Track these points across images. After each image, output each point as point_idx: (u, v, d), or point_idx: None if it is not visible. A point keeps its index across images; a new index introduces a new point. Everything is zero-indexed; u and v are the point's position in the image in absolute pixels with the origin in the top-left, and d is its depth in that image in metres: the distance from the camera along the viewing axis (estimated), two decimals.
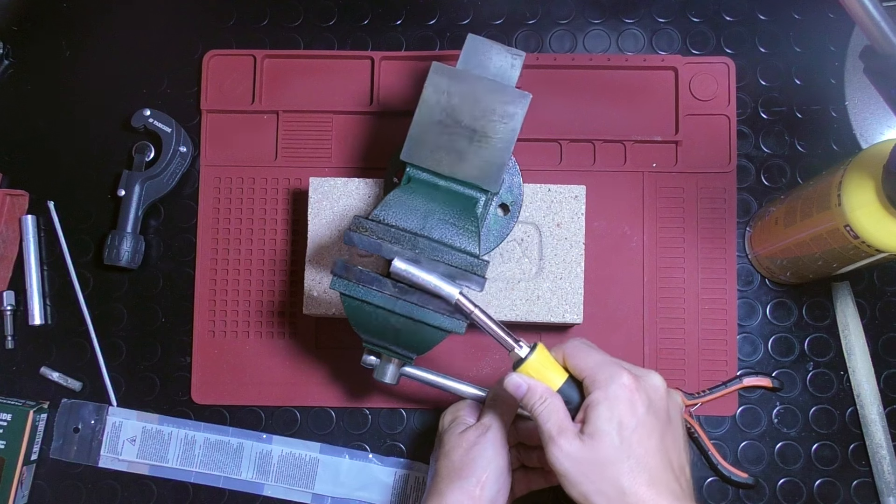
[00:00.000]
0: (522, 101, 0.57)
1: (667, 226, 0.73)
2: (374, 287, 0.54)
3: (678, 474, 0.52)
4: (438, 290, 0.53)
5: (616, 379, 0.52)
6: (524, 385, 0.54)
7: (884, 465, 0.69)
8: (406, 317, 0.54)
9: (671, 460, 0.52)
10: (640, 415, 0.51)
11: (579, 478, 0.51)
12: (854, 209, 0.54)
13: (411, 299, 0.54)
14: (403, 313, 0.54)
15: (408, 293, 0.54)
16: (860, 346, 0.70)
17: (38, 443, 0.73)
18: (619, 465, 0.50)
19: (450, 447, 0.59)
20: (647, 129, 0.74)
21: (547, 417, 0.53)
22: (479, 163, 0.57)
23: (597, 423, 0.51)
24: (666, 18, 0.76)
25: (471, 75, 0.58)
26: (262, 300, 0.73)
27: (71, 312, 0.75)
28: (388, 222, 0.54)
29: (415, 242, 0.54)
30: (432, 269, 0.53)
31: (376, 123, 0.75)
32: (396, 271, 0.53)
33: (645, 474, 0.50)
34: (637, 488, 0.50)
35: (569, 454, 0.51)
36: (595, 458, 0.51)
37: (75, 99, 0.78)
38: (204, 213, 0.75)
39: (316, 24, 0.78)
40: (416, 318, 0.54)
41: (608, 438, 0.51)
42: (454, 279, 0.53)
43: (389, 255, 0.53)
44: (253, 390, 0.73)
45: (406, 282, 0.53)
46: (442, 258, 0.53)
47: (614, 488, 0.50)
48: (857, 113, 0.74)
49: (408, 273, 0.53)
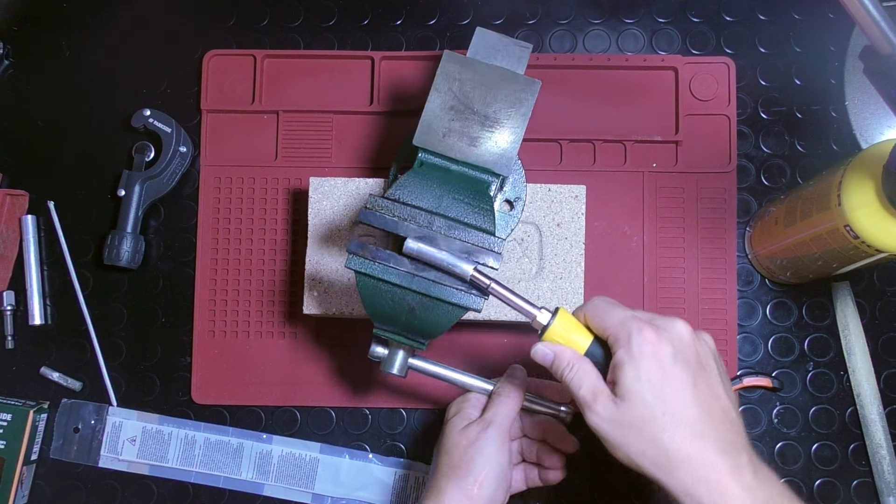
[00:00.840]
0: (533, 87, 0.58)
1: (667, 226, 0.73)
2: (391, 264, 0.54)
3: (721, 420, 0.50)
4: (452, 268, 0.53)
5: (637, 334, 0.50)
6: (550, 353, 0.53)
7: (884, 465, 0.69)
8: (423, 294, 0.54)
9: (711, 407, 0.50)
10: (667, 367, 0.49)
11: (621, 440, 0.49)
12: (854, 209, 0.54)
13: (428, 276, 0.54)
14: (420, 290, 0.54)
15: (424, 270, 0.54)
16: (860, 346, 0.70)
17: (38, 443, 0.73)
18: (655, 424, 0.48)
19: (451, 443, 0.59)
20: (647, 129, 0.74)
21: (579, 383, 0.51)
22: (491, 147, 0.57)
23: (625, 384, 0.49)
24: (666, 18, 0.76)
25: (482, 63, 0.59)
26: (262, 300, 0.73)
27: (71, 312, 0.75)
28: (403, 201, 0.54)
29: (431, 220, 0.54)
30: (448, 246, 0.53)
31: (376, 123, 0.75)
32: (409, 250, 0.53)
33: (684, 428, 0.48)
34: (679, 445, 0.48)
35: (605, 418, 0.50)
36: (631, 419, 0.49)
37: (75, 99, 0.78)
38: (204, 213, 0.75)
39: (316, 24, 0.78)
40: (433, 296, 0.54)
41: (639, 398, 0.49)
42: (471, 256, 0.53)
43: (406, 233, 0.53)
44: (253, 390, 0.73)
45: (420, 260, 0.53)
46: (458, 236, 0.54)
47: (656, 447, 0.48)
48: (857, 113, 0.74)
49: (420, 251, 0.53)
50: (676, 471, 0.48)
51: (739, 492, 0.47)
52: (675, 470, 0.48)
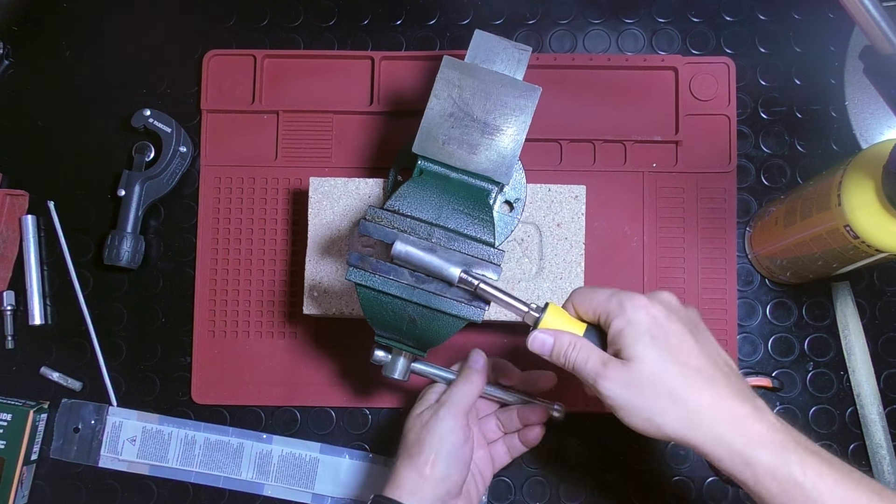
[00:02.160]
0: (533, 94, 0.58)
1: (667, 226, 0.73)
2: (392, 277, 0.54)
3: (727, 370, 0.50)
4: (441, 270, 0.53)
5: (628, 301, 0.51)
6: (550, 337, 0.53)
7: (884, 465, 0.69)
8: (423, 306, 0.54)
9: (715, 358, 0.50)
10: (664, 324, 0.50)
11: (639, 402, 0.49)
12: (854, 209, 0.54)
13: (429, 288, 0.54)
14: (420, 302, 0.54)
15: (425, 282, 0.54)
16: (860, 346, 0.70)
17: (38, 443, 0.73)
18: (668, 375, 0.49)
19: (407, 427, 0.59)
20: (647, 129, 0.74)
21: (585, 358, 0.51)
22: (491, 155, 0.57)
23: (630, 346, 0.50)
24: (666, 18, 0.76)
25: (482, 69, 0.59)
26: (262, 300, 0.73)
27: (71, 312, 0.75)
28: (403, 212, 0.55)
29: (430, 232, 0.54)
30: (448, 258, 0.53)
31: (376, 123, 0.75)
32: (398, 253, 0.53)
33: (697, 376, 0.49)
34: (695, 394, 0.48)
35: (619, 382, 0.49)
36: (645, 377, 0.49)
37: (75, 99, 0.78)
38: (204, 213, 0.75)
39: (316, 24, 0.78)
40: (433, 308, 0.54)
41: (647, 355, 0.49)
42: (471, 268, 0.53)
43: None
44: (253, 390, 0.73)
45: (409, 265, 0.53)
46: (458, 247, 0.54)
47: (673, 400, 0.48)
48: (857, 113, 0.74)
49: (408, 255, 0.53)
50: (701, 421, 0.48)
51: (767, 432, 0.48)
52: (699, 421, 0.48)
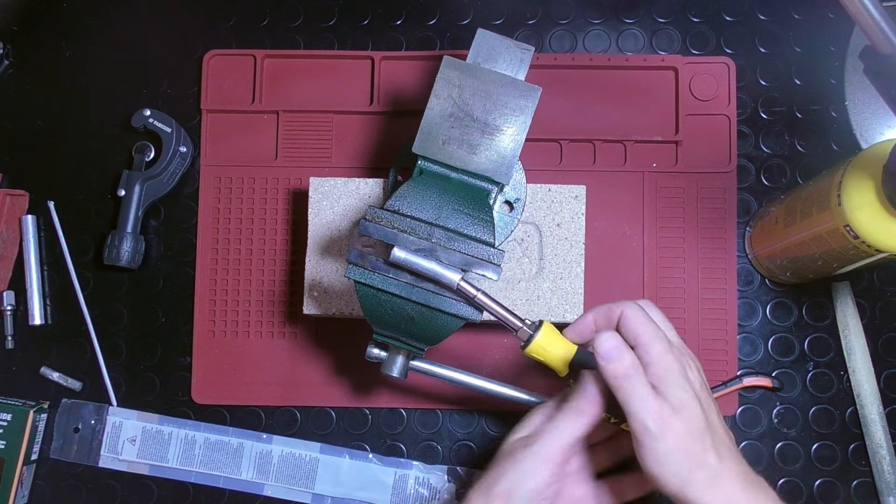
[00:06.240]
0: (533, 94, 0.58)
1: (667, 226, 0.73)
2: (391, 275, 0.54)
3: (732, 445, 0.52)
4: (440, 277, 0.53)
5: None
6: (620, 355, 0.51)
7: (884, 465, 0.69)
8: (422, 304, 0.54)
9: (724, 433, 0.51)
10: (697, 389, 0.50)
11: (678, 457, 0.48)
12: (854, 209, 0.54)
13: (428, 287, 0.54)
14: (420, 301, 0.54)
15: (424, 281, 0.54)
16: (860, 346, 0.70)
17: (38, 443, 0.73)
18: (705, 438, 0.49)
19: (500, 450, 0.56)
20: (647, 129, 0.74)
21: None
22: (491, 155, 0.57)
23: (675, 394, 0.49)
24: (666, 18, 0.76)
25: (482, 69, 0.59)
26: (262, 300, 0.73)
27: (71, 312, 0.75)
28: (403, 212, 0.55)
29: (430, 232, 0.54)
30: (448, 258, 0.53)
31: (376, 123, 0.75)
32: (396, 259, 0.53)
33: (722, 446, 0.49)
34: (722, 463, 0.49)
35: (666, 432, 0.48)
36: (688, 430, 0.48)
37: (75, 99, 0.78)
38: (204, 213, 0.75)
39: (316, 24, 0.78)
40: (432, 306, 0.54)
41: (691, 406, 0.49)
42: (470, 268, 0.54)
43: (405, 245, 0.53)
44: (253, 390, 0.73)
45: (408, 270, 0.54)
46: (457, 247, 0.54)
47: (703, 463, 0.48)
48: (857, 113, 0.74)
49: (408, 261, 0.53)
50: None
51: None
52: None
